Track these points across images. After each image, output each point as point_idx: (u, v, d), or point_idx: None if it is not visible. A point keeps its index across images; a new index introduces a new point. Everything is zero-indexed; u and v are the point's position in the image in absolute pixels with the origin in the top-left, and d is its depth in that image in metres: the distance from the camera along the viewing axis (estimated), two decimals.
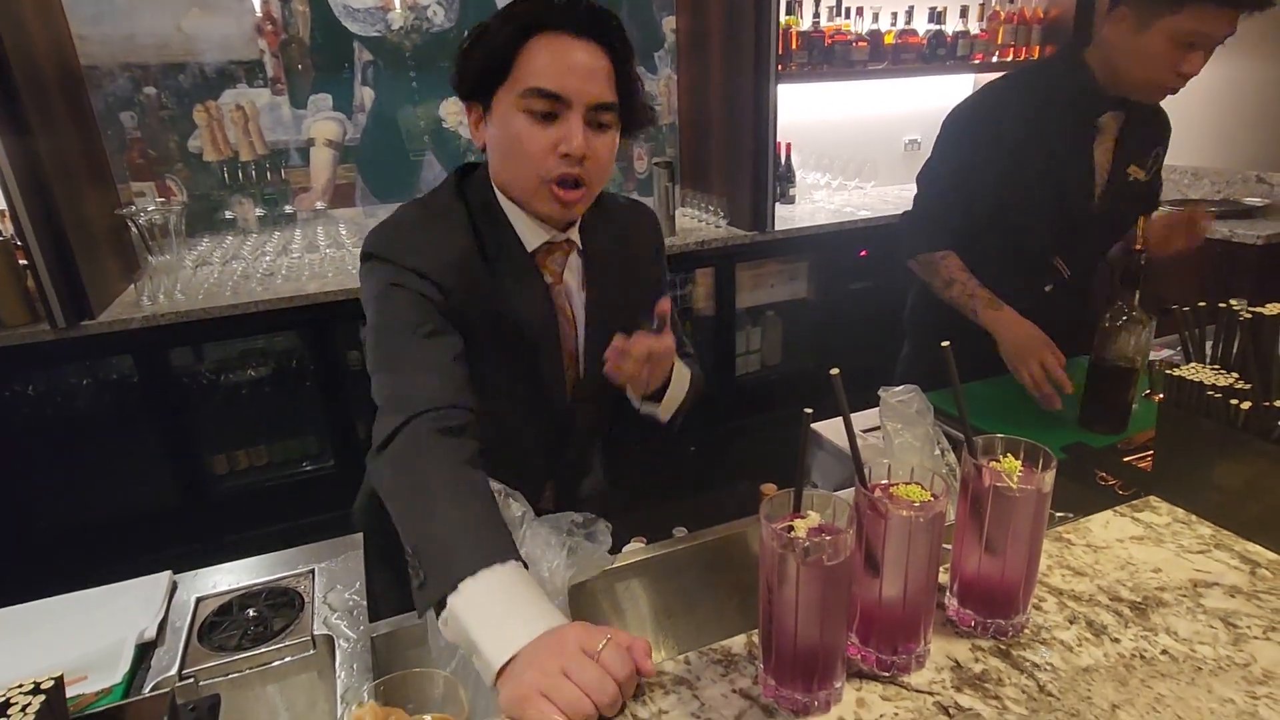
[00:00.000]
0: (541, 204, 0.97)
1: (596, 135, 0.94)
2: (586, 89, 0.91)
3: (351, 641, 0.90)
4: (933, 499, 0.63)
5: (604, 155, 0.96)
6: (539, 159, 0.93)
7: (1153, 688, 0.64)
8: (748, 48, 2.58)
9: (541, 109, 0.91)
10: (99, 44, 2.30)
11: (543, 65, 0.90)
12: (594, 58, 0.92)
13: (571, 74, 0.90)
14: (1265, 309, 0.82)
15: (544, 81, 0.90)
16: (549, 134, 0.92)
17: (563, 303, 1.06)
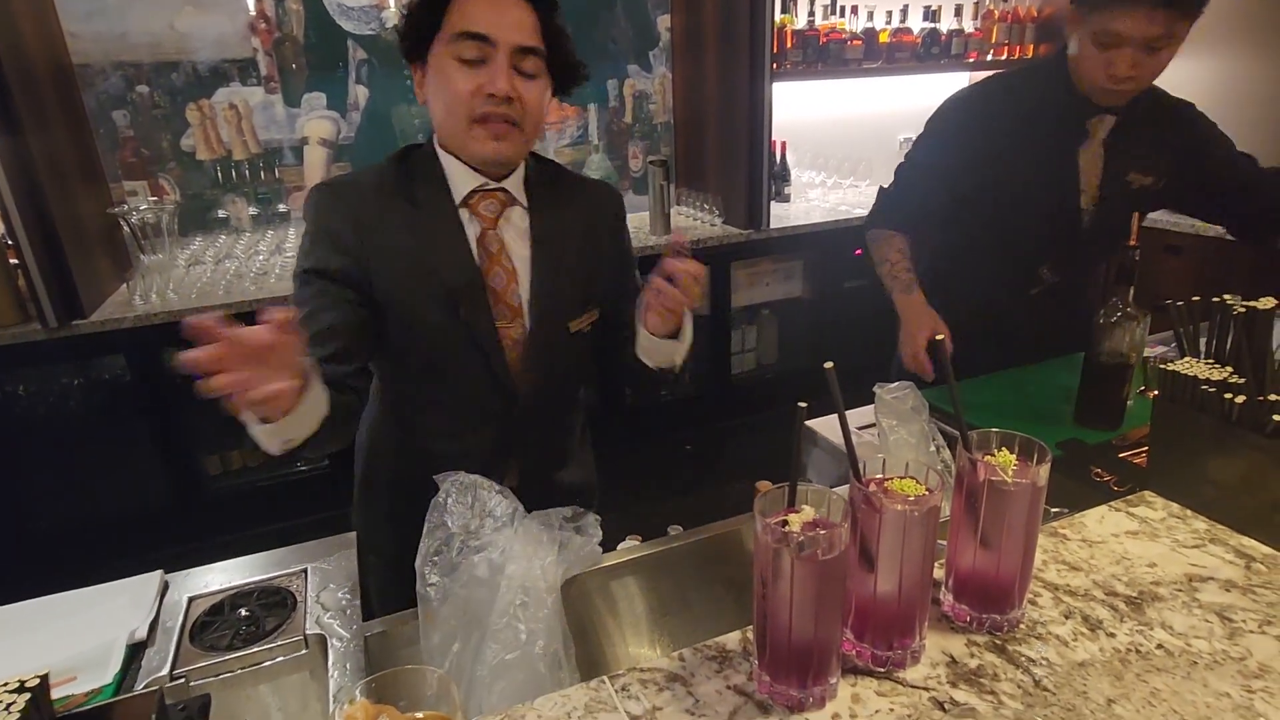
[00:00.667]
0: (474, 144, 1.02)
1: (523, 82, 1.00)
2: (510, 33, 0.98)
3: (344, 641, 0.89)
4: (927, 493, 0.63)
5: (531, 100, 1.01)
6: (467, 100, 0.99)
7: (1148, 682, 0.63)
8: (743, 46, 2.58)
9: (469, 53, 0.97)
10: (91, 42, 2.29)
11: (470, 12, 0.98)
12: (520, 9, 0.99)
13: (497, 20, 0.97)
14: (1259, 303, 0.82)
15: (470, 25, 0.97)
16: (476, 76, 0.98)
17: (497, 250, 1.07)
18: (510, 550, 0.86)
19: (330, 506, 2.28)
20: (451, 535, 0.88)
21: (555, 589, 0.86)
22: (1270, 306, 0.81)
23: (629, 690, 0.65)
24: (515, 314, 1.09)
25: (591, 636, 1.03)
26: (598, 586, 1.04)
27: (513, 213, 1.09)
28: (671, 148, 3.15)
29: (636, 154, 3.11)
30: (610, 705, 0.64)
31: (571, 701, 0.65)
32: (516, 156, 1.06)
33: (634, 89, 3.03)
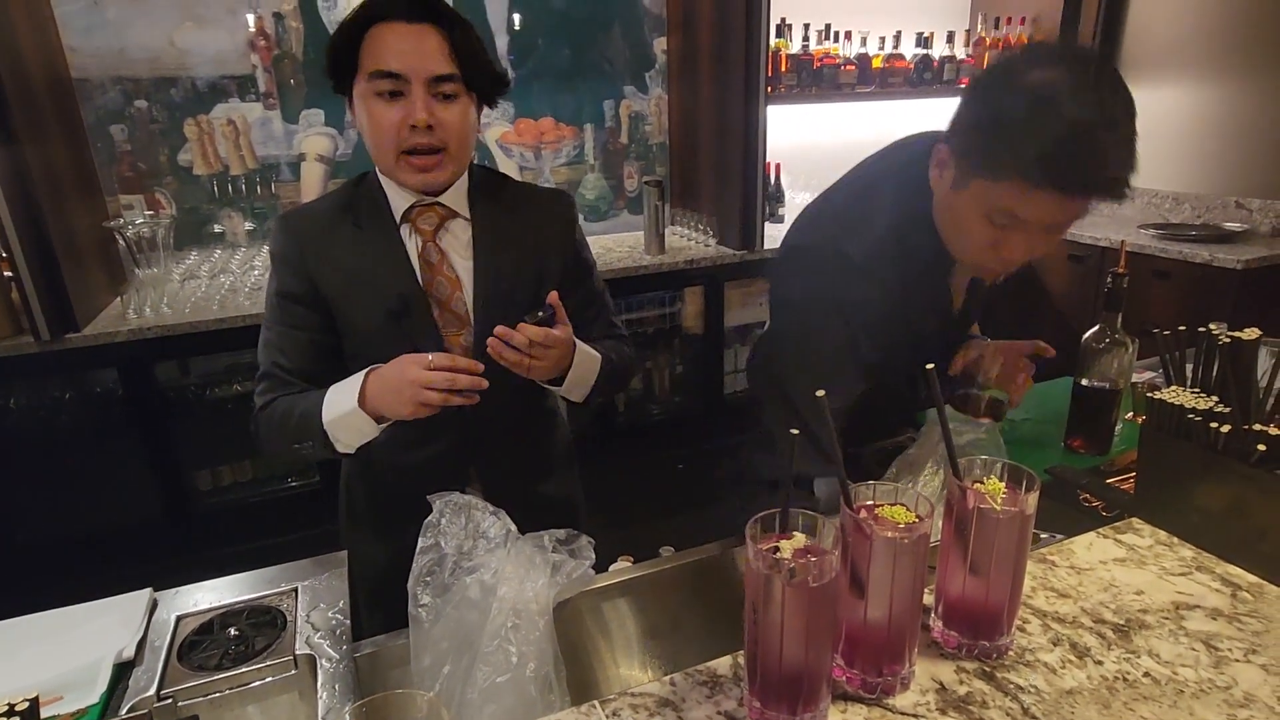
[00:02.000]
0: (403, 175, 1.07)
1: (444, 105, 1.04)
2: (423, 64, 1.01)
3: (334, 661, 0.89)
4: (918, 520, 0.64)
5: (454, 122, 1.05)
6: (391, 134, 1.03)
7: (1135, 710, 0.64)
8: (738, 69, 2.62)
9: (386, 89, 1.02)
10: (90, 56, 2.30)
11: (381, 50, 1.02)
12: (429, 36, 1.02)
13: (407, 54, 1.01)
14: (1243, 334, 0.83)
15: (383, 63, 1.01)
16: (396, 111, 1.02)
17: (436, 261, 1.12)
18: (502, 572, 0.86)
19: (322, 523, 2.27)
20: (444, 556, 0.88)
21: (547, 611, 0.86)
22: (1254, 337, 0.83)
23: (619, 715, 0.65)
24: (462, 322, 1.13)
25: (583, 658, 1.03)
26: (589, 608, 1.04)
27: (453, 224, 1.14)
28: (667, 168, 3.18)
29: (632, 174, 3.13)
30: None
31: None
32: (449, 180, 1.11)
33: (630, 110, 3.06)
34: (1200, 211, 3.05)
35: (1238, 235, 2.74)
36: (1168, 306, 2.65)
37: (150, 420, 2.19)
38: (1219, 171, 2.99)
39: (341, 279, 1.10)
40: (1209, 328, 0.87)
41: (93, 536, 2.23)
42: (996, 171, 0.89)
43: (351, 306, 1.10)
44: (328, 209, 1.13)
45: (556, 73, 2.89)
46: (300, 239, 1.10)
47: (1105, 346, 1.23)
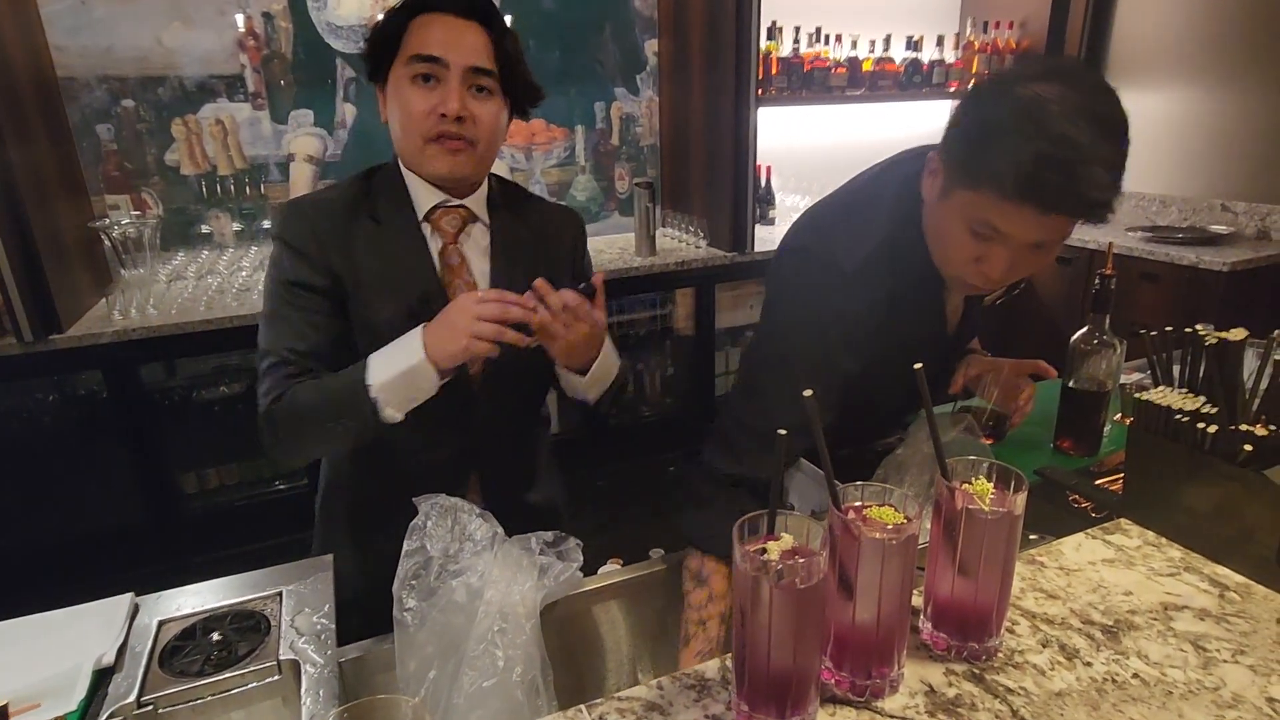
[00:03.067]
0: (430, 162, 1.05)
1: (477, 100, 1.04)
2: (463, 54, 1.01)
3: (318, 667, 0.88)
4: (906, 521, 0.63)
5: (486, 118, 1.05)
6: (421, 119, 1.02)
7: (1124, 712, 0.64)
8: (729, 72, 2.62)
9: (423, 71, 1.01)
10: (77, 56, 2.28)
11: (425, 36, 1.02)
12: (473, 33, 1.03)
13: (450, 42, 1.01)
14: (1230, 334, 0.83)
15: (424, 48, 1.01)
16: (430, 97, 1.02)
17: (457, 264, 1.11)
18: (489, 575, 0.85)
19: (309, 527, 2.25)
20: (430, 559, 0.87)
21: (534, 615, 0.86)
22: (1241, 337, 0.83)
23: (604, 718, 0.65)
24: None
25: (571, 662, 1.02)
26: (578, 611, 1.03)
27: (474, 229, 1.13)
28: (658, 170, 3.18)
29: (623, 176, 3.13)
30: None
31: None
32: (472, 174, 1.10)
33: (621, 111, 3.05)
34: (1187, 214, 3.08)
35: (1224, 238, 2.77)
36: (1155, 308, 2.67)
37: (135, 423, 2.16)
38: (1205, 175, 3.02)
39: (361, 273, 1.07)
40: (1196, 328, 0.87)
41: (77, 541, 2.21)
42: (974, 181, 0.88)
43: (369, 302, 1.07)
44: (342, 200, 1.10)
45: (547, 74, 2.88)
46: (316, 228, 1.06)
47: (1093, 348, 1.24)
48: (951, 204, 0.92)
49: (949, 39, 3.25)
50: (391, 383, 0.97)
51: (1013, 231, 0.88)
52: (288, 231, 1.07)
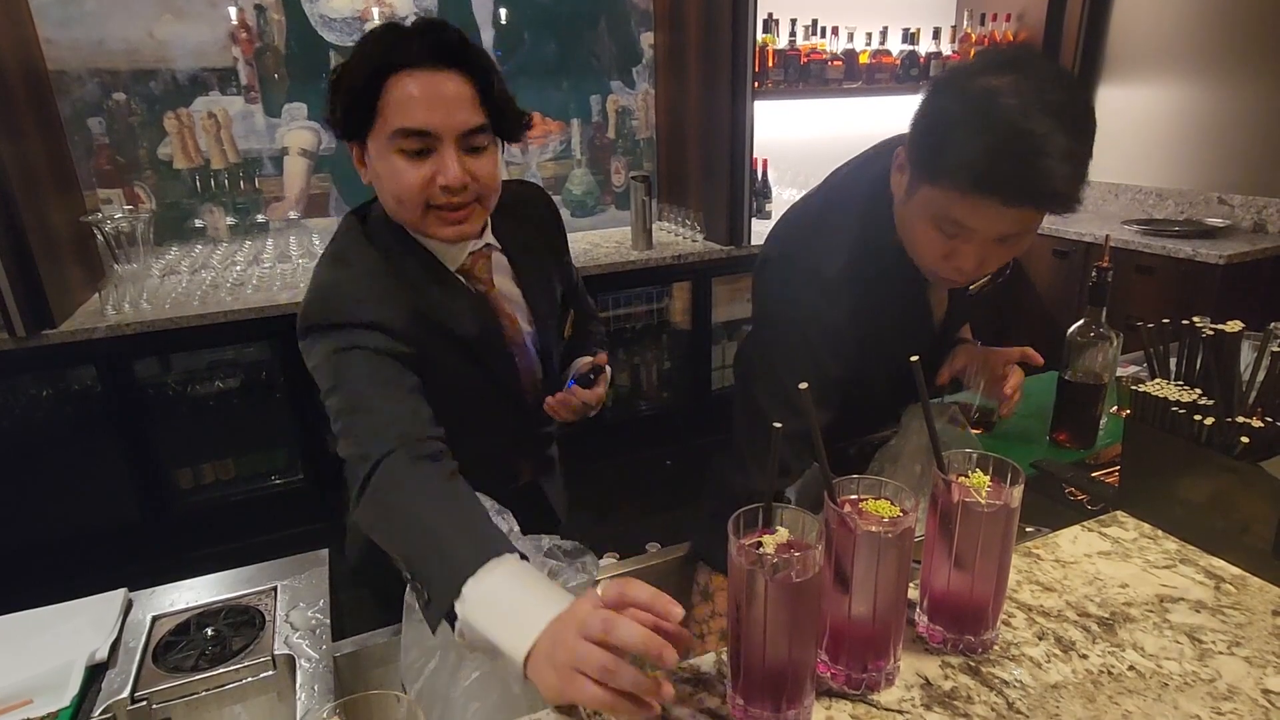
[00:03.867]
0: (436, 231, 0.97)
1: (474, 158, 0.95)
2: (453, 119, 0.91)
3: (313, 662, 0.88)
4: (902, 514, 0.63)
5: (485, 174, 0.96)
6: (419, 192, 0.93)
7: (1120, 704, 0.64)
8: (725, 65, 2.61)
9: (413, 147, 0.91)
10: (68, 49, 2.26)
11: (405, 104, 0.90)
12: (455, 86, 0.92)
13: (436, 108, 0.90)
14: (1226, 326, 0.83)
15: (409, 121, 0.90)
16: (425, 169, 0.92)
17: (500, 305, 1.08)
18: None
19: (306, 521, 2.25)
20: None
21: None
22: (1237, 330, 0.83)
23: (601, 713, 0.64)
24: (523, 347, 1.12)
25: None
26: None
27: (494, 257, 1.09)
28: (654, 164, 3.17)
29: (619, 169, 3.12)
30: None
31: None
32: (479, 226, 1.02)
33: (617, 104, 3.04)
34: (1183, 207, 3.08)
35: (1220, 231, 2.77)
36: (1151, 302, 2.67)
37: (130, 418, 2.16)
38: (1202, 168, 3.02)
39: (434, 336, 0.98)
40: (1192, 321, 0.87)
41: (71, 537, 2.20)
42: (934, 177, 0.87)
43: (444, 362, 0.99)
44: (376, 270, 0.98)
45: (543, 67, 2.87)
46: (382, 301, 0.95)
47: (1090, 341, 1.23)
48: (917, 201, 0.92)
49: (945, 32, 3.24)
50: (477, 635, 0.71)
51: (977, 226, 0.88)
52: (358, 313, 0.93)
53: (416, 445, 0.86)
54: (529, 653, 0.65)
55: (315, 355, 0.94)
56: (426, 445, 0.87)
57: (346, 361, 0.92)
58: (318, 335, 0.94)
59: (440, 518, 0.79)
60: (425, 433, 0.88)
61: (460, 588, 0.71)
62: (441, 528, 0.78)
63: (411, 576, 0.78)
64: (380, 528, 0.83)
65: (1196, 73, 2.97)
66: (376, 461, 0.84)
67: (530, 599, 0.69)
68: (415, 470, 0.84)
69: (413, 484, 0.83)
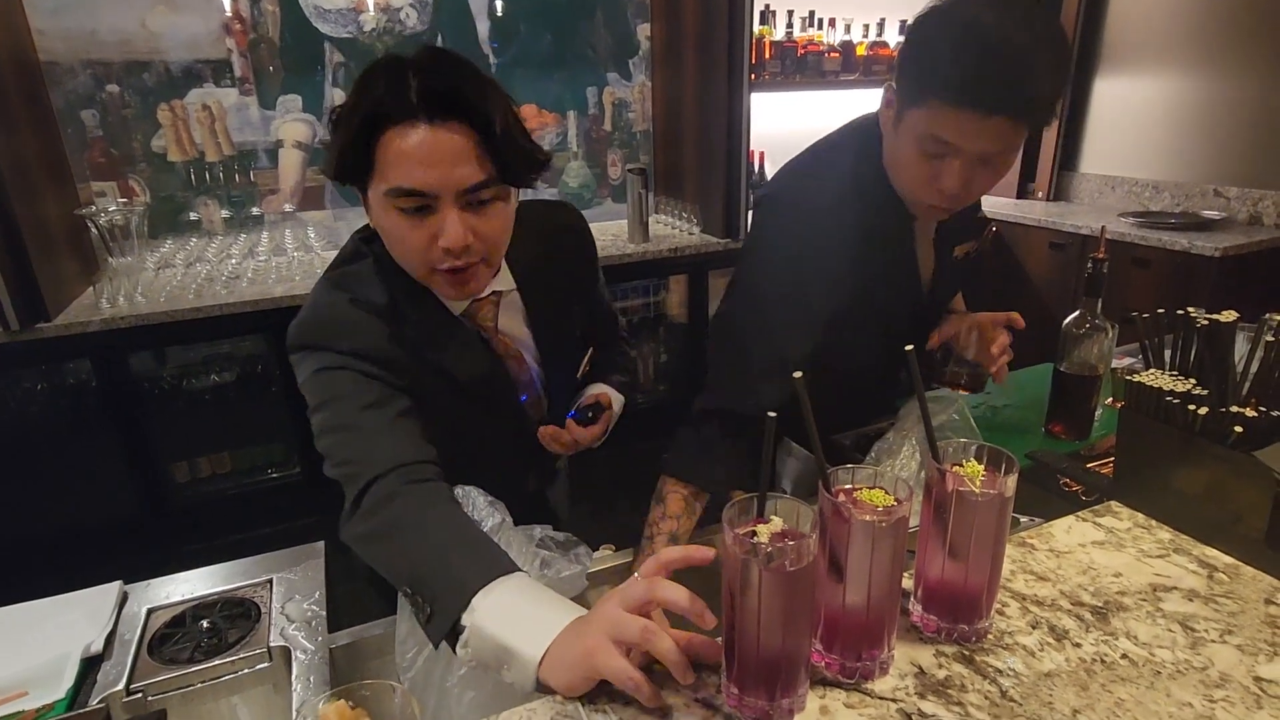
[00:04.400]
0: (440, 289, 0.94)
1: (478, 215, 0.88)
2: (452, 177, 0.84)
3: (309, 653, 0.88)
4: (896, 503, 0.63)
5: (491, 233, 0.90)
6: (421, 254, 0.88)
7: (1113, 692, 0.64)
8: (721, 56, 2.60)
9: (411, 205, 0.85)
10: (60, 39, 2.25)
11: (401, 161, 0.83)
12: (454, 139, 0.83)
13: (433, 165, 0.83)
14: (1221, 316, 0.83)
15: (405, 180, 0.84)
16: (425, 230, 0.87)
17: (505, 346, 1.05)
18: None
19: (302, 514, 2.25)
20: None
21: None
22: (1232, 319, 0.83)
23: (596, 703, 0.65)
24: (530, 386, 1.10)
25: None
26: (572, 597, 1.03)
27: (506, 300, 1.04)
28: (650, 156, 3.16)
29: (615, 162, 3.11)
30: (576, 718, 0.63)
31: (537, 715, 0.64)
32: (485, 286, 0.98)
33: (613, 97, 3.03)
34: (1179, 200, 3.08)
35: (1216, 223, 2.77)
36: (1147, 294, 2.67)
37: (125, 411, 2.15)
38: (1198, 160, 3.02)
39: (426, 374, 0.96)
40: (1187, 310, 0.87)
41: (67, 531, 2.20)
42: (917, 96, 0.93)
43: (437, 400, 0.96)
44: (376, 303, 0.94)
45: (539, 59, 2.85)
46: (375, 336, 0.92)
47: (1085, 332, 1.23)
48: (904, 128, 0.98)
49: None
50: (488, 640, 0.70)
51: (960, 141, 0.93)
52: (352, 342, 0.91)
53: (410, 470, 0.85)
54: (545, 654, 0.66)
55: (303, 371, 0.93)
56: (420, 469, 0.85)
57: (335, 380, 0.90)
58: (307, 353, 0.93)
59: (444, 535, 0.79)
60: (417, 457, 0.87)
61: (469, 600, 0.70)
62: (446, 545, 0.77)
63: (411, 592, 0.77)
64: (375, 548, 0.82)
65: (1193, 65, 2.97)
66: (369, 482, 0.83)
67: (546, 606, 0.70)
68: (411, 491, 0.83)
69: (411, 503, 0.82)
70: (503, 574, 0.73)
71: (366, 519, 0.83)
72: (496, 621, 0.69)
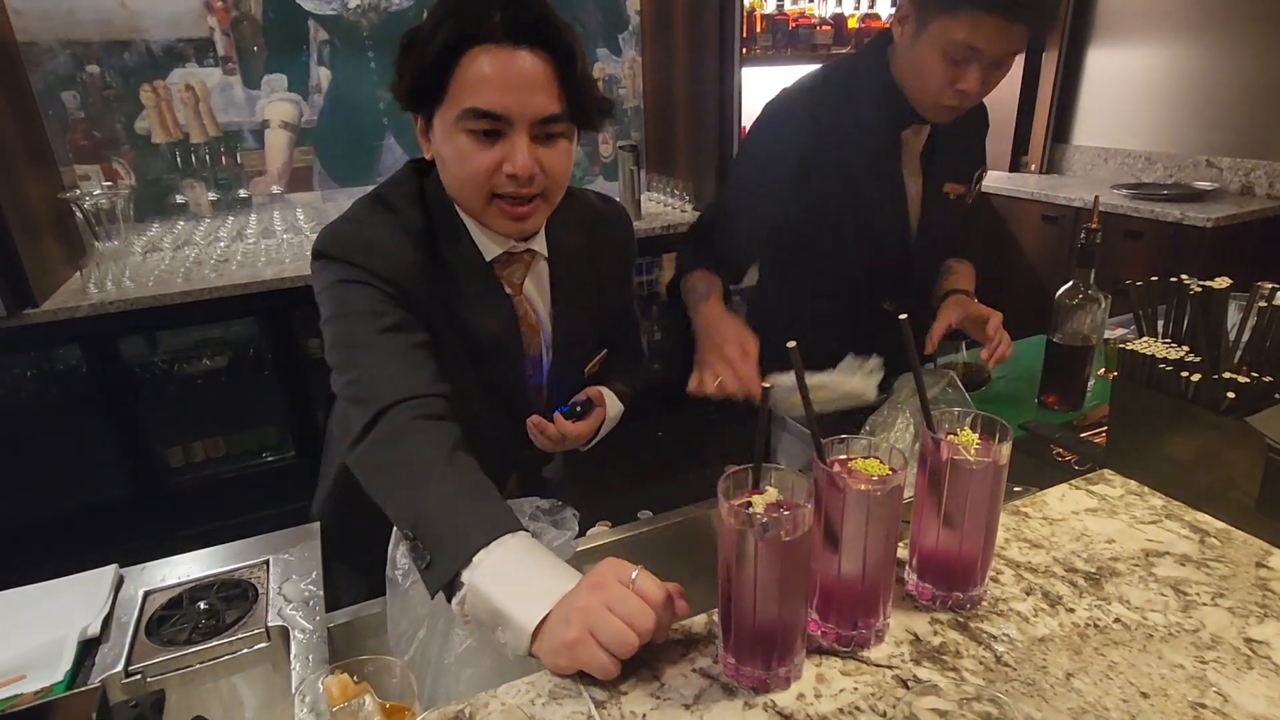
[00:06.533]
0: (494, 221, 0.94)
1: (546, 148, 0.89)
2: (528, 104, 0.85)
3: (307, 633, 0.88)
4: (891, 473, 0.63)
5: (556, 167, 0.91)
6: (485, 178, 0.89)
7: (1106, 655, 0.65)
8: (712, 30, 2.57)
9: (483, 128, 0.86)
10: (37, 19, 2.20)
11: (479, 82, 0.84)
12: (534, 67, 0.85)
13: (511, 90, 0.84)
14: (1214, 283, 0.83)
15: (481, 101, 0.84)
16: (493, 154, 0.87)
17: (525, 311, 1.04)
18: None
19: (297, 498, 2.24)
20: None
21: None
22: (1225, 286, 0.83)
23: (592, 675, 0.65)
24: (536, 364, 1.08)
25: None
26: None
27: (535, 267, 1.04)
28: (641, 133, 3.13)
29: (606, 139, 3.08)
30: (574, 691, 0.64)
31: (536, 688, 0.64)
32: (539, 225, 0.99)
33: (603, 72, 3.00)
34: (1172, 171, 3.07)
35: (1208, 194, 2.77)
36: (1139, 266, 2.67)
37: (117, 397, 2.14)
38: (1191, 130, 3.01)
39: (440, 318, 0.95)
40: (1181, 278, 0.87)
41: (62, 517, 2.19)
42: (947, 5, 1.06)
43: (444, 346, 0.95)
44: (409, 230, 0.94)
45: None
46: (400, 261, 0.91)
47: (1078, 303, 1.23)
48: (926, 37, 1.10)
49: None
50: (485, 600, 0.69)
51: (985, 45, 1.06)
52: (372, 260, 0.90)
53: (421, 403, 0.84)
54: (540, 622, 0.66)
55: (323, 279, 0.92)
56: (430, 403, 0.84)
57: (356, 294, 0.89)
58: (330, 262, 0.92)
59: (451, 485, 0.78)
60: (428, 389, 0.86)
61: (472, 556, 0.70)
62: (453, 494, 0.76)
63: (413, 536, 0.76)
64: (383, 482, 0.81)
65: (1186, 36, 2.95)
66: (380, 410, 0.82)
67: (544, 572, 0.70)
68: (421, 428, 0.82)
69: (419, 440, 0.81)
70: (507, 532, 0.72)
71: (376, 449, 0.82)
72: (495, 583, 0.69)
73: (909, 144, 1.26)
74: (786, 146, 1.21)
